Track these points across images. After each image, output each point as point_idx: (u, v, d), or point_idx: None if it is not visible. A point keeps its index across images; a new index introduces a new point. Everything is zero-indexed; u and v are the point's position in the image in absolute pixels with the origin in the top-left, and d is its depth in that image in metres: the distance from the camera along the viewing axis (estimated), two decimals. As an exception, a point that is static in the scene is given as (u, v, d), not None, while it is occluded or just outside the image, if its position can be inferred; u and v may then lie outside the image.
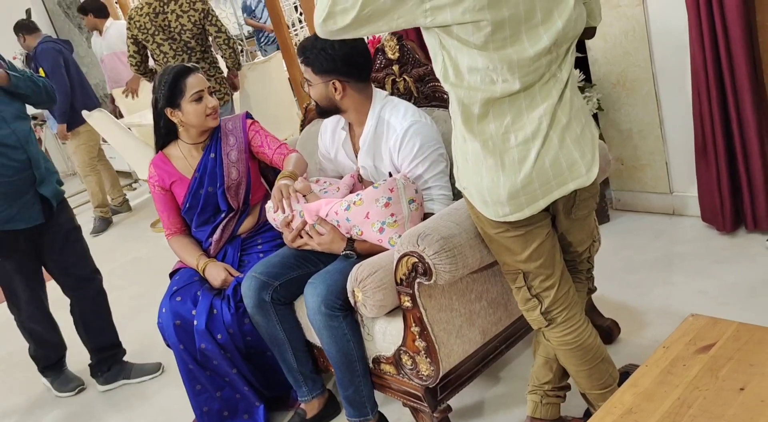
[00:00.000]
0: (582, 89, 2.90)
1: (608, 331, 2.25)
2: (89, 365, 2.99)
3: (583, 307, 1.80)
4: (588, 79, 2.99)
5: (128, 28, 4.00)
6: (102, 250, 4.82)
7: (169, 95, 2.27)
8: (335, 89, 2.06)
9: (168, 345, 2.32)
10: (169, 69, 2.32)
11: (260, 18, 6.76)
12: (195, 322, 2.20)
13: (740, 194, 2.63)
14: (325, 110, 2.16)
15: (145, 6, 3.92)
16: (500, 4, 1.38)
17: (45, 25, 7.34)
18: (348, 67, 2.02)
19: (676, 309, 2.33)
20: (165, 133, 2.39)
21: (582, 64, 2.98)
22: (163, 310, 2.25)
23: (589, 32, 1.67)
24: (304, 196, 2.16)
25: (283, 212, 2.15)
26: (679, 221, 2.92)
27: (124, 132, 4.47)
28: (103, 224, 5.26)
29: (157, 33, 3.92)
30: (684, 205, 2.93)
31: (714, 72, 2.47)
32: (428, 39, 1.52)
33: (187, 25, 3.91)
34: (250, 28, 8.77)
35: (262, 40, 7.21)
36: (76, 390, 3.01)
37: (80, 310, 2.89)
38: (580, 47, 2.96)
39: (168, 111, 2.30)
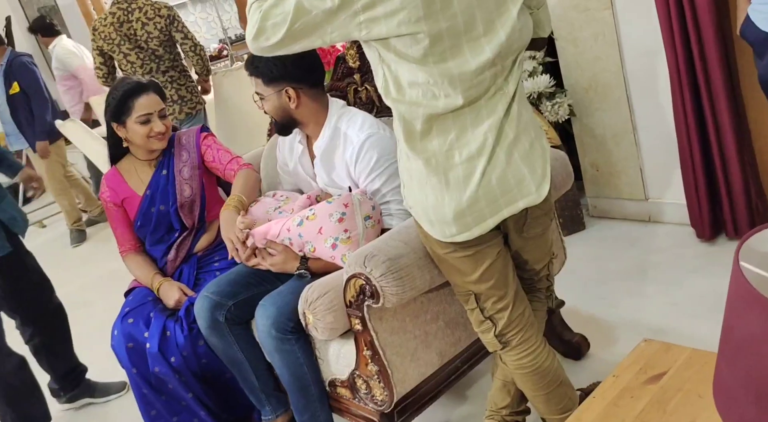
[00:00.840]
0: (553, 94, 2.83)
1: (577, 347, 2.17)
2: (50, 387, 2.86)
3: (542, 328, 1.73)
4: (559, 84, 2.91)
5: (93, 40, 3.88)
6: (78, 263, 4.76)
7: (115, 111, 2.19)
8: (289, 98, 1.98)
9: (123, 367, 2.24)
10: (122, 84, 2.23)
11: None
12: (147, 345, 2.12)
13: (719, 200, 2.56)
14: (284, 125, 2.07)
15: (109, 16, 3.81)
16: (437, 15, 1.31)
17: (27, 35, 7.26)
18: (299, 70, 1.95)
19: (647, 322, 2.26)
20: (113, 145, 2.31)
21: (553, 69, 2.91)
22: (115, 333, 2.17)
23: (538, 43, 1.59)
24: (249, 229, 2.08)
25: (240, 260, 2.07)
26: (654, 228, 2.85)
27: (98, 141, 4.39)
28: (81, 235, 5.17)
29: (122, 43, 3.83)
30: (659, 211, 2.85)
31: (687, 76, 2.40)
32: (368, 52, 1.45)
33: (154, 33, 3.82)
34: (237, 32, 8.70)
35: None
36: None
37: (41, 342, 2.72)
38: (551, 52, 2.89)
39: (114, 125, 2.22)
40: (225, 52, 8.04)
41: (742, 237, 0.74)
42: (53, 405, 2.88)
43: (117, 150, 2.32)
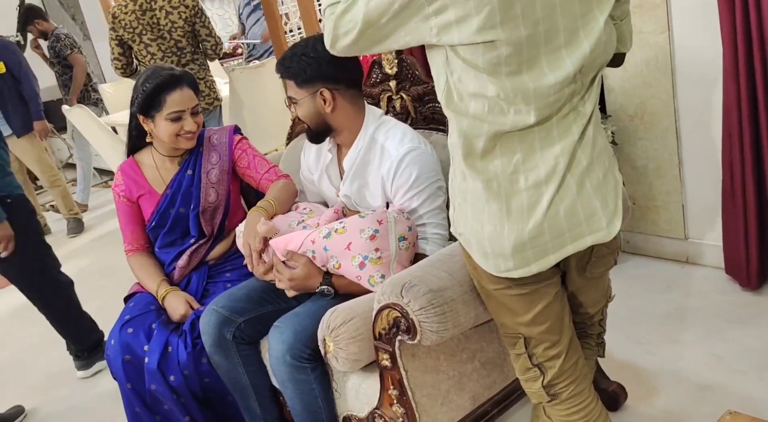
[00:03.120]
0: (596, 120, 2.65)
1: (614, 397, 1.99)
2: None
3: (591, 380, 1.54)
4: (603, 109, 2.74)
5: (112, 28, 3.68)
6: (75, 254, 4.57)
7: (144, 105, 2.00)
8: (324, 100, 1.80)
9: (115, 380, 2.04)
10: (154, 75, 2.01)
11: (247, 28, 6.15)
12: (146, 360, 1.93)
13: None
14: (318, 132, 1.88)
15: (131, 3, 3.62)
16: (516, 20, 1.13)
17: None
18: (335, 68, 1.77)
19: (688, 374, 2.08)
20: (136, 136, 2.13)
21: (597, 92, 2.74)
22: (112, 342, 1.98)
23: (618, 59, 1.41)
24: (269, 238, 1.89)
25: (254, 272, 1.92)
26: (693, 270, 2.66)
27: (104, 130, 4.21)
28: (79, 225, 4.98)
29: (144, 32, 3.64)
30: (699, 253, 2.67)
31: (749, 111, 2.22)
32: (433, 56, 1.28)
33: (178, 23, 3.65)
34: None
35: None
36: None
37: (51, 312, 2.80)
38: (597, 74, 2.72)
39: (140, 118, 2.04)
40: (240, 51, 7.89)
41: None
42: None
43: (139, 141, 2.14)
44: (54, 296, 2.79)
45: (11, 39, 4.91)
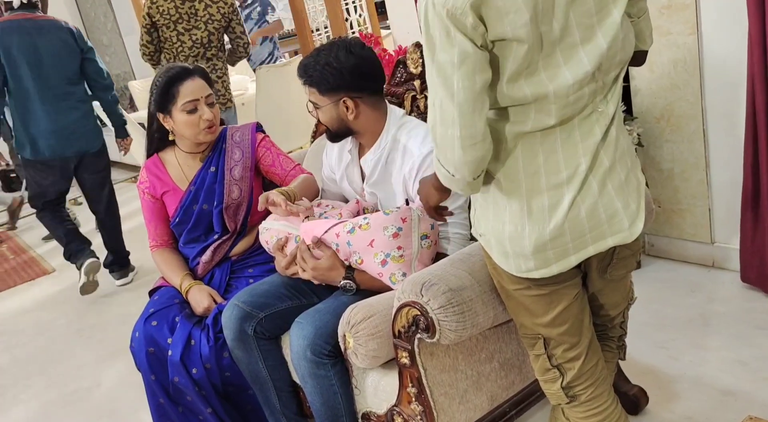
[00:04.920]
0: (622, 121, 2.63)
1: (635, 401, 1.97)
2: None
3: (611, 383, 1.53)
4: (629, 110, 2.72)
5: (148, 13, 3.69)
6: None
7: (160, 100, 2.04)
8: (347, 108, 1.82)
9: (140, 371, 2.08)
10: (165, 69, 2.09)
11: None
12: (170, 352, 1.96)
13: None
14: (337, 134, 1.91)
15: None
16: (536, 20, 1.13)
17: (69, 4, 7.20)
18: (358, 79, 1.78)
19: (711, 380, 2.05)
20: (159, 138, 2.16)
21: (624, 93, 2.71)
22: (137, 334, 2.01)
23: (639, 58, 1.40)
24: (306, 217, 1.92)
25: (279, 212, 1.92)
26: (718, 275, 2.63)
27: (133, 126, 4.28)
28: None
29: (180, 20, 3.66)
30: (726, 257, 2.64)
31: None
32: None
33: (216, 16, 3.68)
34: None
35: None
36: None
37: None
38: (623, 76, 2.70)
39: (160, 116, 2.07)
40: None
41: None
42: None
43: (161, 143, 2.18)
44: (115, 210, 3.82)
45: None
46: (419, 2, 1.21)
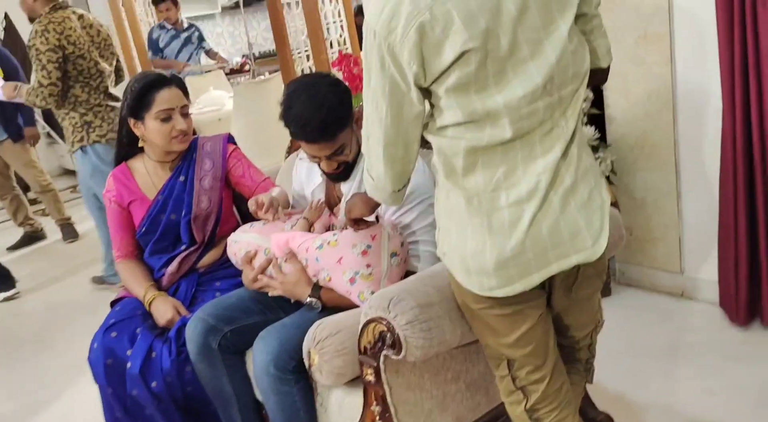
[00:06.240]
0: (596, 149, 2.65)
1: (601, 427, 1.95)
2: None
3: (577, 407, 1.51)
4: (603, 138, 2.74)
5: (58, 46, 3.24)
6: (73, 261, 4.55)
7: (133, 105, 2.01)
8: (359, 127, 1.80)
9: (97, 383, 2.01)
10: (143, 75, 2.07)
11: (168, 57, 5.66)
12: (128, 364, 1.90)
13: (758, 284, 2.37)
14: (353, 163, 1.86)
15: (76, 20, 3.38)
16: (481, 35, 1.13)
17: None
18: (348, 107, 1.76)
19: (681, 409, 2.05)
20: (127, 144, 2.13)
21: (598, 121, 2.74)
22: (95, 345, 1.95)
23: (599, 76, 1.39)
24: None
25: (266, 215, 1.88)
26: (688, 305, 2.64)
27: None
28: (73, 231, 4.96)
29: (93, 49, 3.44)
30: (695, 287, 2.65)
31: (743, 147, 2.22)
32: None
33: (113, 45, 3.62)
34: (262, 49, 8.60)
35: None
36: None
37: None
38: (598, 104, 2.73)
39: (131, 121, 2.04)
40: (247, 67, 7.97)
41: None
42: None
43: (129, 149, 2.14)
44: None
45: None
46: (363, 25, 1.22)
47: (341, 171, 1.83)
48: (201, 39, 5.70)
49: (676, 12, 2.39)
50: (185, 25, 5.65)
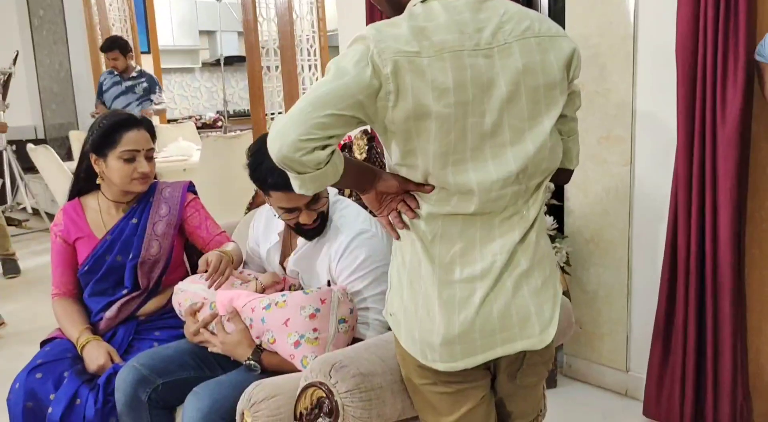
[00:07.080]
0: (553, 238, 2.69)
1: None
2: None
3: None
4: (561, 229, 2.79)
5: None
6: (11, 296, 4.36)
7: (99, 142, 1.99)
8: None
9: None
10: (112, 115, 2.05)
11: (106, 101, 5.58)
12: (50, 410, 1.79)
13: (703, 393, 2.37)
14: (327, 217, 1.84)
15: None
16: (466, 106, 1.15)
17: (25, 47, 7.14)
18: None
19: None
20: (84, 178, 2.08)
21: (558, 212, 2.80)
22: (16, 386, 1.85)
23: (564, 176, 1.43)
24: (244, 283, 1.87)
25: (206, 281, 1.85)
26: (631, 405, 2.63)
27: (63, 173, 4.15)
28: (15, 267, 4.78)
29: None
30: (638, 387, 2.65)
31: (696, 259, 2.27)
32: (381, 137, 1.27)
33: None
34: (237, 108, 8.69)
35: None
36: None
37: None
38: (558, 195, 2.79)
39: (92, 157, 2.01)
40: (219, 123, 8.04)
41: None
42: None
43: (86, 184, 2.10)
44: None
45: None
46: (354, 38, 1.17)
47: (318, 225, 1.79)
48: (148, 91, 5.60)
49: (638, 117, 2.49)
50: (135, 75, 5.54)
